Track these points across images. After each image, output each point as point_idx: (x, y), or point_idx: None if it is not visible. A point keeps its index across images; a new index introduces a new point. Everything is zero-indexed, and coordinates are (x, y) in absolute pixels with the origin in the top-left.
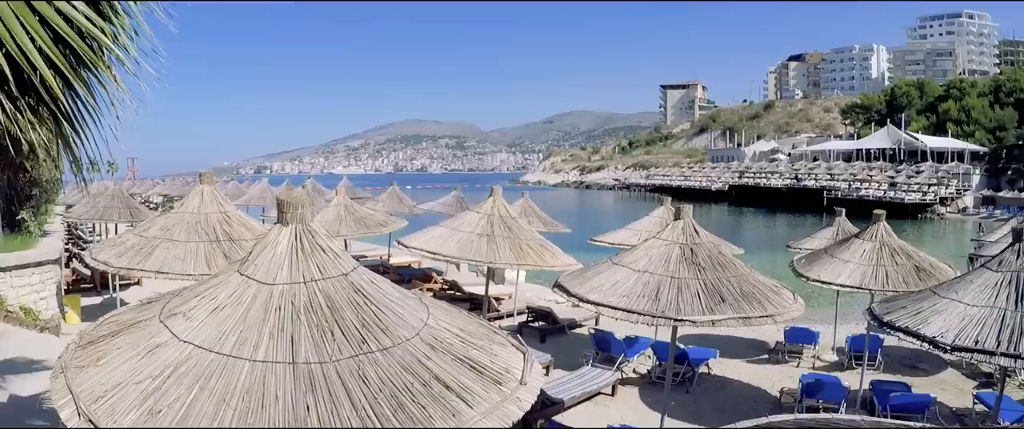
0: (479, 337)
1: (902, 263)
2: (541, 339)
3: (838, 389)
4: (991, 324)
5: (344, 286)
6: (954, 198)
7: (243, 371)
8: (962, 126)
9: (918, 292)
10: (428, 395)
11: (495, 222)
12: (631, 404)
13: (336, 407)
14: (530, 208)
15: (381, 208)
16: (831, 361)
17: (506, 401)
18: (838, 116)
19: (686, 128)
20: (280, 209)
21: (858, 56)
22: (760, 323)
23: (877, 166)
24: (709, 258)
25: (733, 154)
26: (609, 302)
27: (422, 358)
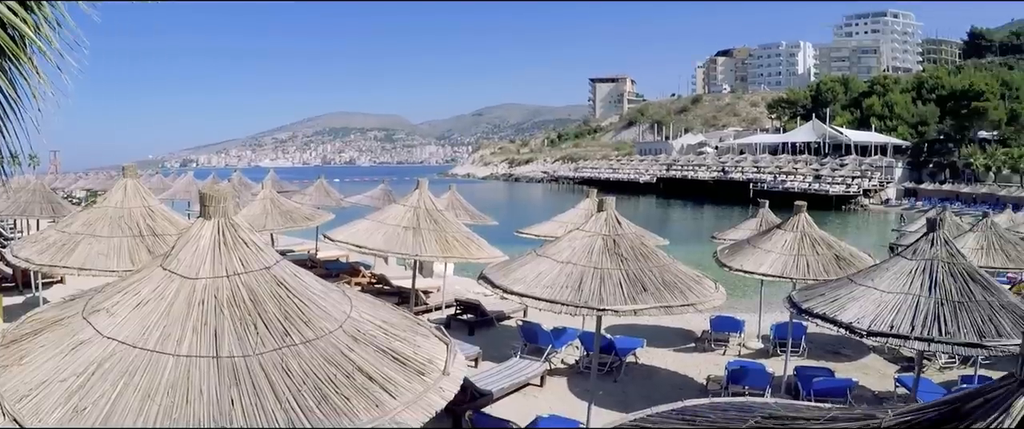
0: (402, 329)
1: (823, 252)
2: (470, 332)
3: (763, 375)
4: (905, 310)
5: (267, 279)
6: (877, 190)
7: (167, 366)
8: (885, 121)
9: (836, 280)
10: (351, 386)
11: (421, 215)
12: (560, 394)
13: (260, 400)
14: (457, 201)
15: (308, 202)
16: (757, 348)
17: (429, 391)
18: (765, 110)
19: (615, 121)
20: (202, 203)
21: (785, 52)
22: (682, 312)
23: (802, 159)
24: (631, 249)
25: (661, 147)
26: (533, 293)
27: (345, 350)
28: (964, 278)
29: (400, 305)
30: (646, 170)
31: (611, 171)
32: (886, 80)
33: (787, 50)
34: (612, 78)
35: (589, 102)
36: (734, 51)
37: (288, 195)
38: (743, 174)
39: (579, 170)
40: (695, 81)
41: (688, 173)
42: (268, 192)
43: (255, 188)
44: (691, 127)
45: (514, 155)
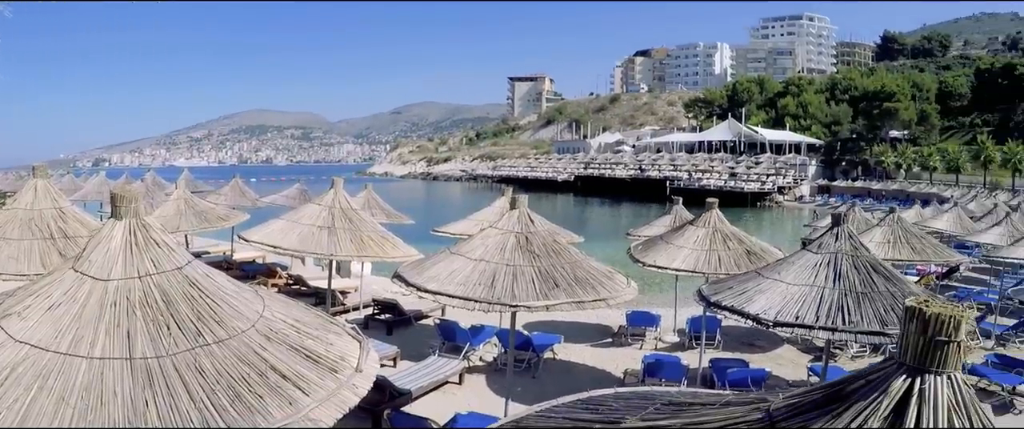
0: (314, 327)
1: (734, 247)
2: (388, 331)
3: (678, 368)
4: (810, 301)
5: (179, 280)
6: (791, 187)
7: (81, 369)
8: (800, 120)
9: (744, 274)
10: (265, 385)
11: (336, 214)
12: (478, 391)
13: (174, 400)
14: (373, 200)
15: (223, 201)
16: (673, 342)
17: (342, 388)
18: (682, 110)
19: (533, 120)
20: (114, 203)
21: (702, 53)
22: (593, 307)
23: (718, 157)
24: (544, 246)
25: (579, 146)
26: (446, 290)
27: (258, 349)
28: (867, 270)
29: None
30: (564, 168)
31: (529, 169)
32: (801, 81)
33: (704, 51)
34: (531, 77)
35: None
36: (652, 51)
37: (203, 195)
38: (660, 172)
39: (497, 169)
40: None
41: (606, 171)
42: (182, 192)
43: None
44: (609, 126)
45: (433, 154)
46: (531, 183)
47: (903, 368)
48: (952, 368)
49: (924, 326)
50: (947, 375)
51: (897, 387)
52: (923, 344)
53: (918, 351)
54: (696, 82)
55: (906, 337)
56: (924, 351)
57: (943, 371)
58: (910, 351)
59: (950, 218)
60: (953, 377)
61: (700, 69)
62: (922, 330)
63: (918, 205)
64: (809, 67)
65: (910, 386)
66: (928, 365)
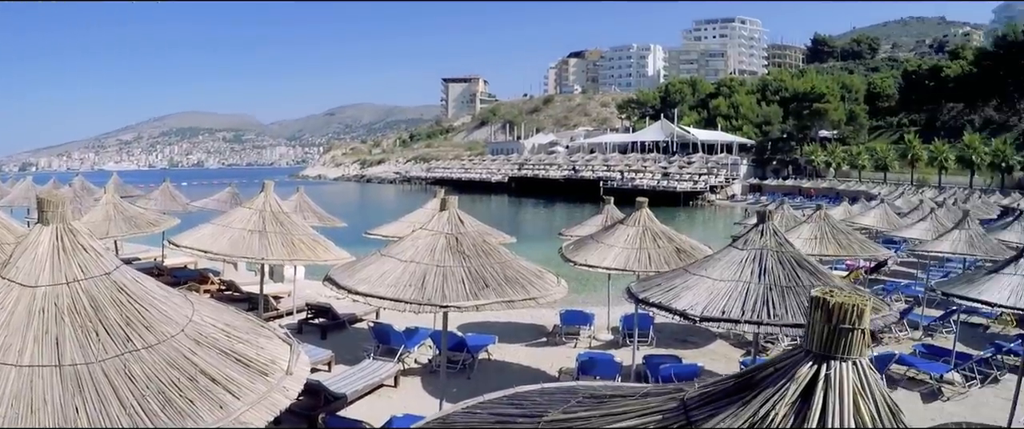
0: (244, 331)
1: (663, 246)
2: (322, 336)
3: (612, 365)
4: (736, 296)
5: (107, 285)
6: (723, 186)
7: (9, 377)
8: (731, 121)
9: (672, 271)
10: (195, 389)
11: (267, 217)
12: (414, 394)
13: (105, 407)
14: (305, 203)
15: (153, 206)
16: (607, 340)
17: (273, 391)
18: (615, 110)
19: (467, 121)
20: (40, 208)
21: (636, 54)
22: (523, 306)
23: (651, 157)
24: (473, 246)
25: (513, 147)
26: (377, 292)
27: (188, 353)
28: (792, 265)
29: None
30: (498, 169)
31: (463, 171)
32: (733, 82)
33: (638, 52)
34: (465, 78)
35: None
36: (586, 53)
37: (132, 200)
38: (594, 173)
39: (431, 170)
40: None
41: (539, 172)
42: (111, 197)
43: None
44: (543, 127)
45: (366, 156)
46: (465, 184)
47: (810, 355)
48: (856, 354)
49: (828, 315)
50: (852, 361)
51: (804, 374)
52: (828, 332)
53: (823, 339)
54: (629, 83)
55: (812, 326)
56: (829, 339)
57: (848, 357)
58: (816, 339)
59: (877, 214)
60: (858, 363)
61: (633, 70)
62: (826, 319)
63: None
64: (741, 69)
65: (816, 372)
66: (833, 352)
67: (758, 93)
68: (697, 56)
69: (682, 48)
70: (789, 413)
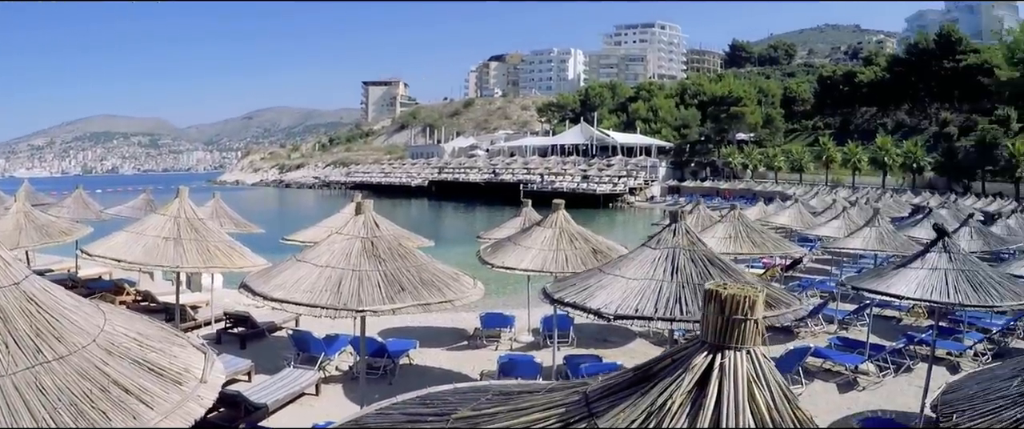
0: (157, 340)
1: (580, 246)
2: (242, 345)
3: (532, 366)
4: (649, 294)
5: (16, 295)
6: (642, 188)
7: None
8: (650, 124)
9: (587, 271)
10: (108, 400)
11: (181, 224)
12: (336, 401)
13: (16, 420)
14: (221, 209)
15: (66, 214)
16: (528, 342)
17: (187, 400)
18: (535, 114)
19: (387, 125)
20: None
21: (556, 58)
22: (440, 309)
23: (571, 160)
24: (389, 250)
25: (433, 150)
26: (293, 298)
27: (100, 364)
28: (704, 263)
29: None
30: (418, 173)
31: (383, 175)
32: (652, 86)
33: (558, 56)
34: (385, 81)
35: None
36: (507, 56)
37: (44, 208)
38: (514, 176)
39: (351, 175)
40: (468, 85)
41: (460, 176)
42: (22, 205)
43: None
44: (463, 131)
45: (285, 160)
46: (385, 189)
47: (705, 346)
48: (750, 344)
49: (721, 307)
50: (746, 350)
51: (699, 363)
52: (721, 323)
53: (717, 330)
54: (550, 87)
55: (706, 318)
56: (723, 329)
57: (742, 347)
58: (710, 330)
59: (792, 214)
60: (752, 352)
61: (554, 74)
62: (719, 311)
63: (762, 202)
64: (660, 73)
65: (711, 362)
66: (727, 342)
67: (677, 97)
68: (617, 60)
69: (602, 52)
70: (686, 402)
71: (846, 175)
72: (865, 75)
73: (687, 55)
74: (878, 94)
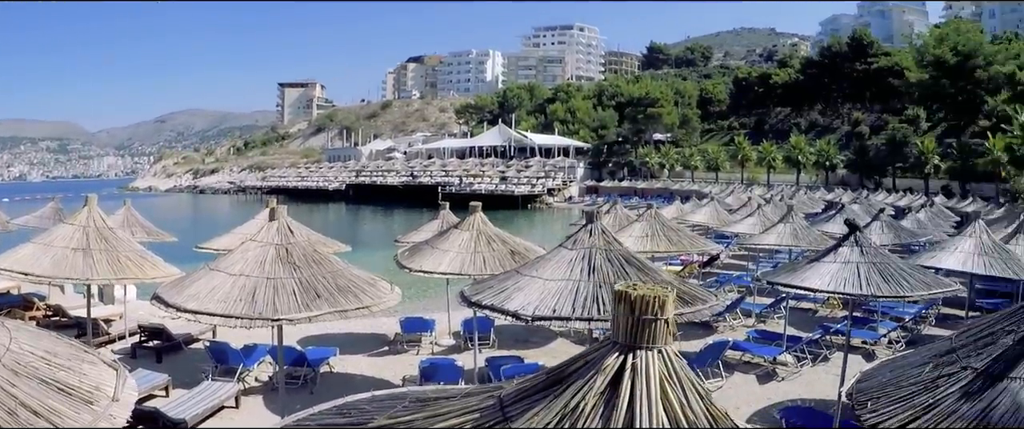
0: (67, 357)
1: (498, 248)
2: (158, 359)
3: (454, 370)
4: (567, 295)
5: None
6: (560, 189)
7: None
8: (568, 125)
9: (504, 273)
10: (15, 423)
11: (91, 234)
12: (256, 413)
13: None
14: (133, 217)
15: None
16: (449, 345)
17: (98, 420)
18: (453, 116)
19: (303, 128)
20: None
21: (475, 60)
22: (357, 315)
23: (489, 162)
24: (304, 256)
25: (350, 153)
26: (207, 309)
27: (6, 385)
28: (620, 262)
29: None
30: (335, 177)
31: (300, 179)
32: (570, 88)
33: (477, 58)
34: (301, 83)
35: (277, 108)
36: (425, 58)
37: None
38: (432, 178)
39: (267, 179)
40: (385, 87)
41: (377, 179)
42: None
43: None
44: (380, 133)
45: (199, 165)
46: (302, 193)
47: (616, 346)
48: (661, 343)
49: (631, 308)
50: (658, 350)
51: (611, 364)
52: (632, 323)
53: (628, 330)
54: (468, 88)
55: (616, 318)
56: (634, 330)
57: (653, 346)
58: (621, 331)
59: (708, 212)
60: (664, 351)
61: (472, 76)
62: (630, 311)
63: (679, 201)
64: (578, 75)
65: (623, 362)
66: (638, 342)
67: (595, 98)
68: (536, 62)
69: (521, 54)
70: (599, 403)
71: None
72: (780, 77)
73: (605, 57)
74: (792, 95)
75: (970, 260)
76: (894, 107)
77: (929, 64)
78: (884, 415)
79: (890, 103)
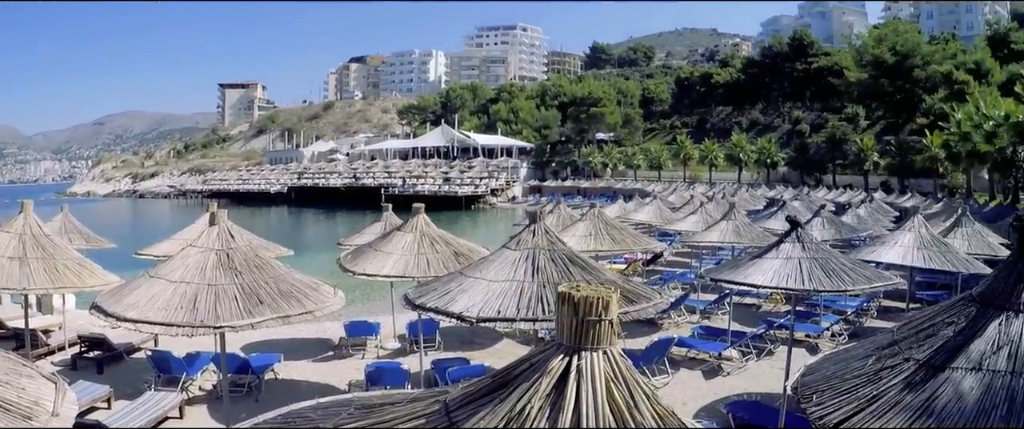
0: (3, 372)
1: (441, 250)
2: (99, 370)
3: (399, 373)
4: (511, 295)
5: None
6: (504, 189)
7: None
8: (512, 125)
9: (448, 275)
10: None
11: (27, 242)
12: (202, 422)
13: None
14: (70, 223)
15: None
16: (394, 348)
17: None
18: (396, 116)
19: (245, 129)
20: None
21: (417, 60)
22: (300, 320)
23: (432, 163)
24: (246, 262)
25: (292, 155)
26: (147, 318)
27: None
28: (564, 262)
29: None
30: (277, 180)
31: (241, 182)
32: (513, 88)
33: (420, 58)
34: (242, 84)
35: (218, 109)
36: (368, 58)
37: None
38: (375, 180)
39: (208, 183)
40: (327, 88)
41: (320, 181)
42: None
43: None
44: (323, 134)
45: (138, 169)
46: (244, 196)
47: (561, 348)
48: (606, 344)
49: (575, 309)
50: (602, 350)
51: (556, 366)
52: (576, 325)
53: (573, 332)
54: (411, 89)
55: (561, 320)
56: (578, 331)
57: (598, 347)
58: (565, 332)
59: (651, 210)
60: (608, 352)
61: (415, 76)
62: (574, 313)
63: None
64: (521, 75)
65: (568, 364)
66: (583, 343)
67: (538, 98)
68: (479, 62)
69: (464, 54)
70: (545, 405)
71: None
72: (721, 76)
73: (548, 57)
74: (734, 94)
75: (910, 254)
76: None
77: (868, 64)
78: (829, 407)
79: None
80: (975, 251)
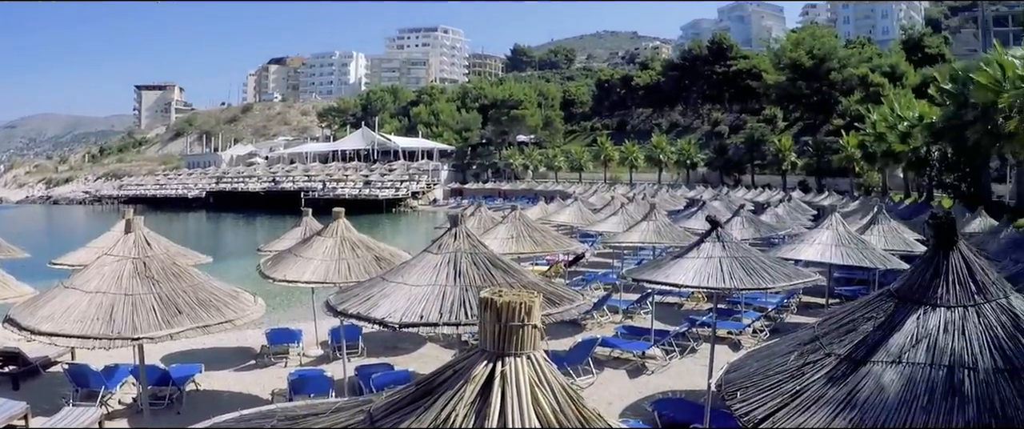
0: None
1: (362, 255)
2: (14, 386)
3: (323, 381)
4: (433, 300)
5: None
6: (425, 192)
7: None
8: (432, 128)
9: (370, 280)
10: None
11: None
12: None
13: None
14: None
15: None
16: (318, 355)
17: None
18: (316, 119)
19: (162, 133)
20: None
21: (338, 62)
22: (220, 329)
23: (352, 166)
24: (163, 270)
25: (210, 159)
26: (63, 330)
27: None
28: (486, 265)
29: None
30: (195, 184)
31: (158, 187)
32: (434, 90)
33: (340, 60)
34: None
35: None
36: (287, 59)
37: None
38: (295, 184)
39: (124, 188)
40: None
41: (238, 185)
42: None
43: None
44: (241, 137)
45: (52, 174)
46: (161, 202)
47: (485, 354)
48: (530, 349)
49: (497, 315)
50: (526, 355)
51: (480, 372)
52: (499, 330)
53: (496, 338)
54: (331, 91)
55: (484, 326)
56: (501, 337)
57: (522, 352)
58: (489, 338)
59: (572, 212)
60: (532, 356)
61: (335, 78)
62: (496, 318)
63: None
64: (442, 77)
65: (492, 370)
66: (507, 349)
67: (459, 101)
68: (400, 64)
69: (385, 56)
70: (470, 412)
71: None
72: (641, 79)
73: (469, 59)
74: (654, 96)
75: (828, 251)
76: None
77: (786, 66)
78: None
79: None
80: (891, 247)
